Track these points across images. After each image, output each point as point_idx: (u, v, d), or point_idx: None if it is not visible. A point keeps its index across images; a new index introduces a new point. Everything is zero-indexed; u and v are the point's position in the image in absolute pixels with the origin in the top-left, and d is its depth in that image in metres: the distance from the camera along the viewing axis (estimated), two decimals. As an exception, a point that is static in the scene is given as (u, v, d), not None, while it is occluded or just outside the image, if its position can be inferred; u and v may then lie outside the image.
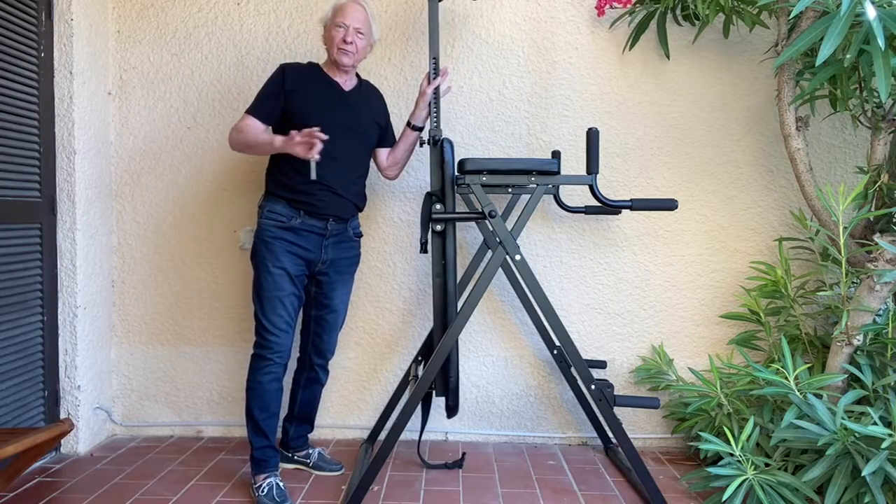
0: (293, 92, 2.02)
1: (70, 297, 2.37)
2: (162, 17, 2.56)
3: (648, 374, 2.50)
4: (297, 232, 2.03)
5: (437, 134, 2.15)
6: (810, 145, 2.48)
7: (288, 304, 2.02)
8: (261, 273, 2.02)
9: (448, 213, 2.02)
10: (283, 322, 2.02)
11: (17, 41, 2.15)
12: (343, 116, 2.07)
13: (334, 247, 2.12)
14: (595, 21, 2.52)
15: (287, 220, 2.01)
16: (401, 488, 2.12)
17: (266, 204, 2.05)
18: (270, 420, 2.05)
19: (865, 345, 2.08)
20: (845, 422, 1.78)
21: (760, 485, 1.83)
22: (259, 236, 2.03)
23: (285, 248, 2.01)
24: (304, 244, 2.04)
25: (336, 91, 2.09)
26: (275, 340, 2.01)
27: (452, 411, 2.15)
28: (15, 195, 2.16)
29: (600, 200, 1.98)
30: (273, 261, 2.00)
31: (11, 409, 2.15)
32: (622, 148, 2.53)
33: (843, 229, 2.03)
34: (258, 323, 2.03)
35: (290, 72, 2.05)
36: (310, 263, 2.08)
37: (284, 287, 2.01)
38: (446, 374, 2.09)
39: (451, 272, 2.07)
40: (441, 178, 2.07)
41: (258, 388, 2.02)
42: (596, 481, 2.20)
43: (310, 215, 2.03)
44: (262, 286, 2.01)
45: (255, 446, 2.04)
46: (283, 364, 2.05)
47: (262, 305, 2.02)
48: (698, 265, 2.55)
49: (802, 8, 1.78)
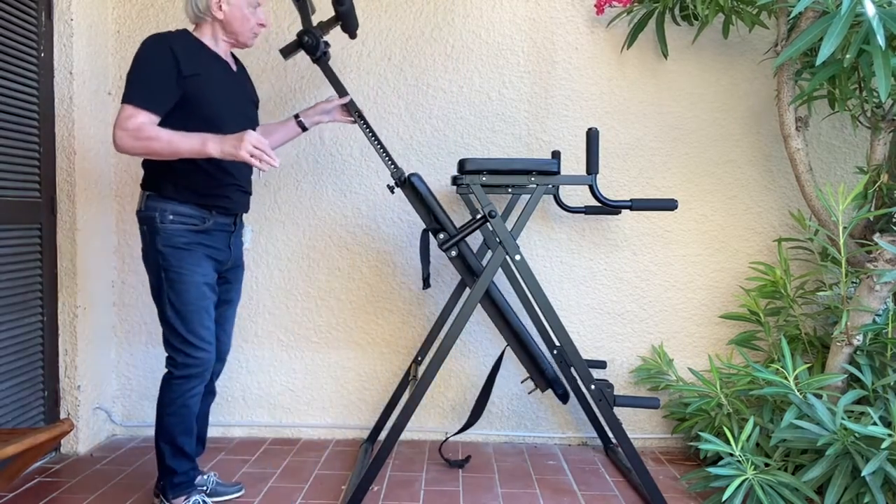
0: (193, 77, 1.72)
1: (70, 297, 2.37)
2: (162, 17, 2.56)
3: (648, 374, 2.50)
4: (210, 233, 1.83)
5: (399, 174, 2.09)
6: (810, 145, 2.48)
7: (212, 312, 1.85)
8: (180, 283, 1.77)
9: (455, 237, 2.01)
10: (210, 334, 1.83)
11: (17, 41, 2.15)
12: (240, 103, 1.89)
13: (235, 241, 1.97)
14: (595, 21, 2.52)
15: (200, 222, 1.81)
16: (401, 488, 2.12)
17: (166, 207, 1.77)
18: (191, 439, 1.86)
19: (865, 345, 2.08)
20: (845, 422, 1.79)
21: (760, 485, 1.83)
22: (168, 243, 1.76)
23: (203, 252, 1.81)
24: (216, 245, 1.86)
25: (230, 73, 1.88)
26: (202, 357, 1.81)
27: (564, 398, 2.21)
28: (15, 195, 2.16)
29: (600, 200, 1.98)
30: (194, 268, 1.79)
31: (11, 409, 2.15)
32: (622, 148, 2.53)
33: (843, 229, 2.04)
34: (180, 340, 1.79)
35: (179, 51, 1.71)
36: (221, 265, 1.91)
37: (208, 295, 1.83)
38: (540, 369, 2.15)
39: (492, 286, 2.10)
40: (428, 210, 2.07)
41: (183, 412, 1.81)
42: (596, 481, 2.20)
43: (220, 214, 1.86)
44: (184, 298, 1.78)
45: (179, 471, 1.84)
46: (206, 380, 1.87)
47: (184, 319, 1.78)
48: (698, 265, 2.55)
49: (802, 8, 1.78)
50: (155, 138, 1.65)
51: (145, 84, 1.68)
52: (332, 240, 2.59)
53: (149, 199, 1.80)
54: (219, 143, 1.64)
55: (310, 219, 2.58)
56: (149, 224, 1.78)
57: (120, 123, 1.65)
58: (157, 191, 1.79)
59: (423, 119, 2.55)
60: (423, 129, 2.55)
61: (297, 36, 2.02)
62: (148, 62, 1.69)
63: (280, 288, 2.59)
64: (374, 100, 2.55)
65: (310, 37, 2.01)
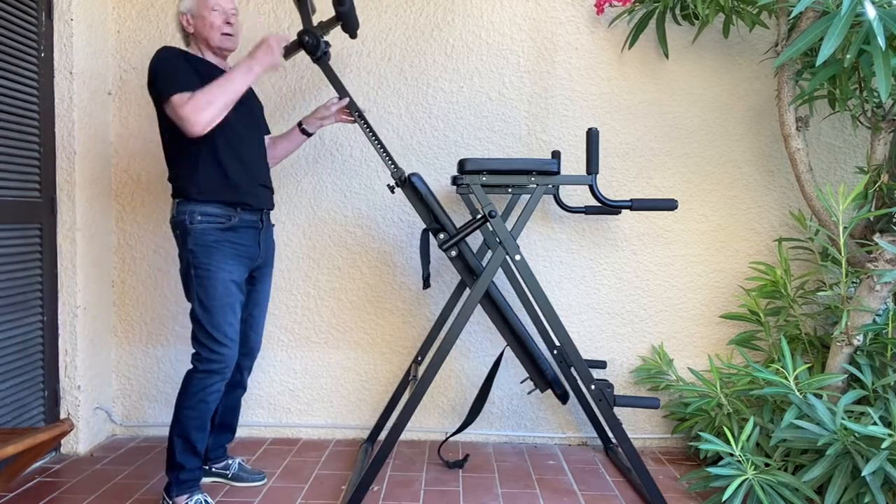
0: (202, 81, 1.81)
1: (70, 297, 2.37)
2: (162, 17, 2.56)
3: (648, 374, 2.50)
4: (237, 230, 1.91)
5: (400, 174, 2.09)
6: (810, 145, 2.48)
7: (238, 311, 1.91)
8: (207, 279, 1.85)
9: (455, 237, 2.01)
10: (234, 332, 1.89)
11: (17, 41, 2.15)
12: (246, 109, 1.98)
13: (265, 238, 2.03)
14: (595, 21, 2.52)
15: (226, 220, 1.88)
16: (401, 488, 2.12)
17: (194, 209, 1.85)
18: (204, 437, 1.91)
19: (865, 345, 2.08)
20: (845, 422, 1.78)
21: (760, 485, 1.83)
22: (198, 242, 1.85)
23: (230, 250, 1.88)
24: (245, 242, 1.93)
25: None
26: (226, 353, 1.87)
27: (564, 398, 2.22)
28: (15, 195, 2.16)
29: (600, 200, 1.98)
30: (221, 265, 1.86)
31: (11, 409, 2.15)
32: (622, 148, 2.53)
33: (843, 229, 2.03)
34: (205, 335, 1.86)
35: (189, 58, 1.86)
36: (251, 262, 1.98)
37: (234, 292, 1.89)
38: (540, 370, 2.15)
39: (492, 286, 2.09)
40: (428, 210, 2.07)
41: (202, 407, 1.86)
42: (596, 481, 2.20)
43: (245, 211, 1.93)
44: (210, 294, 1.85)
45: (187, 468, 1.88)
46: (228, 378, 1.93)
47: (210, 315, 1.85)
48: (698, 265, 2.55)
49: (802, 8, 1.78)
50: (211, 98, 1.75)
51: (172, 75, 1.79)
52: (332, 240, 2.59)
53: (178, 205, 1.89)
54: (257, 63, 1.80)
55: (310, 219, 2.58)
56: (181, 228, 1.88)
57: (180, 114, 1.74)
58: (185, 196, 1.88)
59: (423, 119, 2.55)
60: (423, 129, 2.55)
61: (298, 36, 2.02)
62: (166, 60, 1.83)
63: (280, 288, 2.59)
64: (374, 100, 2.55)
65: (310, 37, 2.02)
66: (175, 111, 1.74)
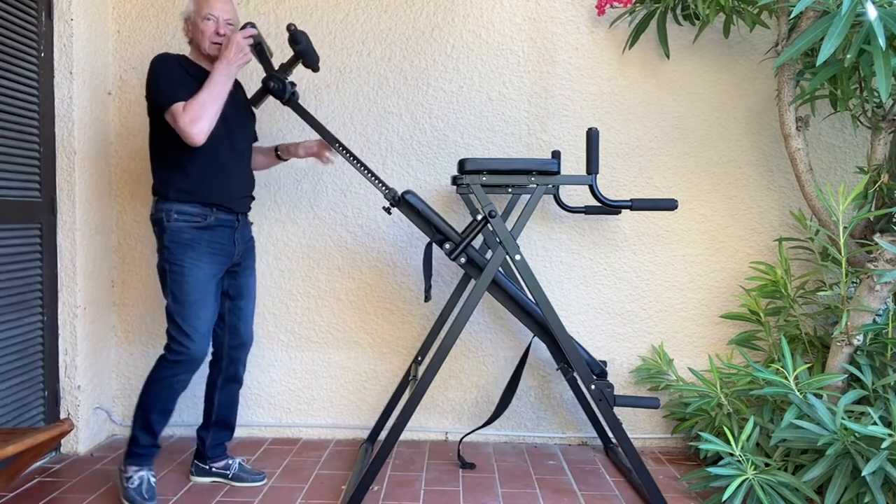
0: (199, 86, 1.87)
1: (70, 297, 2.37)
2: (162, 17, 2.56)
3: (648, 374, 2.50)
4: (213, 229, 1.96)
5: (393, 194, 2.09)
6: (810, 145, 2.48)
7: (210, 307, 1.95)
8: (181, 275, 1.91)
9: (461, 244, 2.02)
10: (204, 327, 1.94)
11: (17, 41, 2.15)
12: (235, 112, 2.02)
13: (241, 236, 2.07)
14: (595, 21, 2.52)
15: (202, 219, 1.94)
16: (401, 488, 2.12)
17: (171, 207, 1.92)
18: (165, 419, 1.98)
19: (865, 345, 2.08)
20: (845, 422, 1.78)
21: (760, 485, 1.83)
22: (173, 239, 1.91)
23: (205, 248, 1.94)
24: (221, 240, 1.98)
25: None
26: (192, 347, 1.92)
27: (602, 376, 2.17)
28: (15, 195, 2.16)
29: (600, 200, 1.98)
30: (195, 261, 1.92)
31: (11, 409, 2.15)
32: (622, 148, 2.53)
33: (843, 229, 2.03)
34: (175, 328, 1.92)
35: (183, 64, 1.95)
36: (228, 259, 2.02)
37: (208, 288, 1.94)
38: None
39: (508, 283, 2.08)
40: (428, 224, 2.07)
41: (166, 392, 1.94)
42: (596, 481, 2.20)
43: (222, 211, 1.98)
44: (183, 289, 1.91)
45: (142, 444, 1.96)
46: (194, 371, 1.97)
47: (182, 308, 1.91)
48: (698, 265, 2.55)
49: (803, 8, 1.78)
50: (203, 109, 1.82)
51: (170, 83, 1.87)
52: (332, 240, 2.59)
53: (157, 202, 1.97)
54: (232, 63, 1.86)
55: (310, 219, 2.58)
56: (158, 224, 1.95)
57: (180, 125, 1.82)
58: (164, 195, 1.95)
59: (423, 119, 2.55)
60: (423, 129, 2.55)
61: (262, 82, 2.06)
62: (163, 66, 1.90)
63: (280, 288, 2.59)
64: (374, 100, 2.55)
65: (275, 81, 2.05)
66: (175, 121, 1.83)
